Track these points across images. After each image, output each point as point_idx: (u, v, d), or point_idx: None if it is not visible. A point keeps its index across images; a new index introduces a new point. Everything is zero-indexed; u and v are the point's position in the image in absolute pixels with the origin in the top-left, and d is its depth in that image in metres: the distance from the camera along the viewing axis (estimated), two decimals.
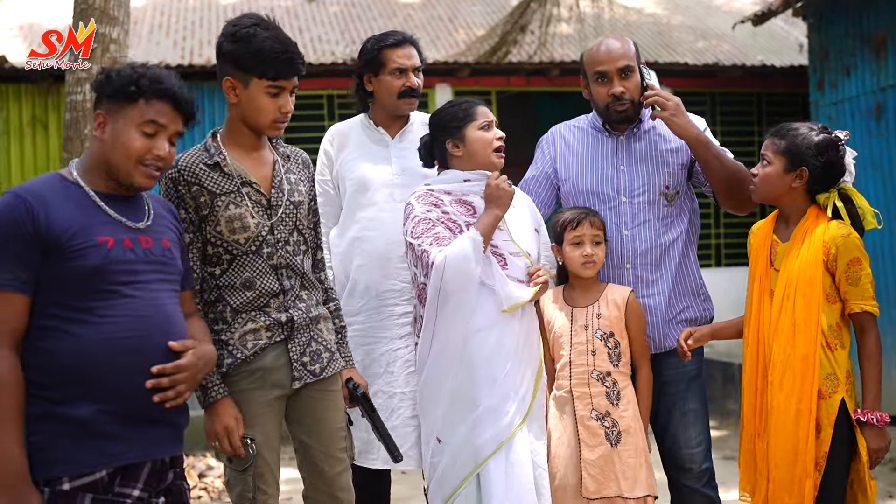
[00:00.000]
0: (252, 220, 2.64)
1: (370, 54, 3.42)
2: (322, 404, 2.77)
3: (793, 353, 2.83)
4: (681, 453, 3.21)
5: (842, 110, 6.83)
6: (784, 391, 2.84)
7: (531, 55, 8.44)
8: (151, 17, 9.12)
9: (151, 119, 2.26)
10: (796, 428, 2.80)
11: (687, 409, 3.22)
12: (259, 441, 2.62)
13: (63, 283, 2.17)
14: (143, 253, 2.27)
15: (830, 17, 6.90)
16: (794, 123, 2.97)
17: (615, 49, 3.21)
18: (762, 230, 3.06)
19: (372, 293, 3.35)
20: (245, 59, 2.60)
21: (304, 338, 2.72)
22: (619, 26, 9.41)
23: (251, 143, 2.72)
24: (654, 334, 3.21)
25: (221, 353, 2.62)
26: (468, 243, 2.85)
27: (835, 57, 6.88)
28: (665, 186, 3.23)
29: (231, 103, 2.68)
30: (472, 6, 10.09)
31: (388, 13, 9.66)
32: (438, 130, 3.08)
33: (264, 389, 2.66)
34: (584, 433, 3.01)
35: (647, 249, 3.21)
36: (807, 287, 2.84)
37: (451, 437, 2.88)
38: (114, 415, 2.18)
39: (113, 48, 5.36)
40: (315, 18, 9.39)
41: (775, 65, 8.60)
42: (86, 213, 2.22)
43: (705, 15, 10.46)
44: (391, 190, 3.38)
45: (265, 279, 2.66)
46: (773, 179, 2.91)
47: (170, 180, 2.62)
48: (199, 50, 8.25)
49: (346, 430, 2.87)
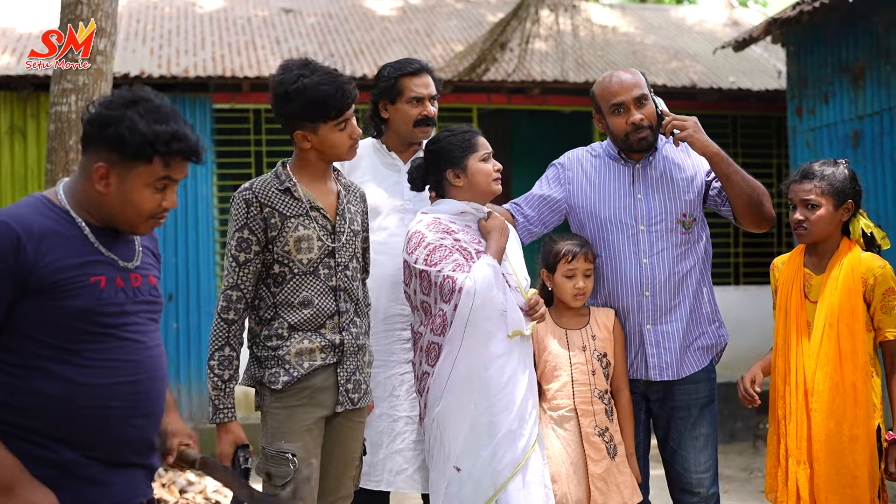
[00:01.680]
0: (318, 242, 2.82)
1: (388, 81, 3.44)
2: (348, 433, 2.93)
3: (841, 381, 2.98)
4: (690, 477, 3.27)
5: (819, 136, 6.98)
6: (834, 418, 2.97)
7: (510, 73, 8.48)
8: (127, 24, 9.00)
9: (166, 176, 2.11)
10: (852, 452, 2.94)
11: (698, 433, 3.27)
12: (300, 457, 2.74)
13: (50, 323, 2.04)
14: (133, 293, 2.16)
15: (809, 45, 7.06)
16: (814, 165, 3.14)
17: (627, 80, 3.27)
18: (791, 264, 3.18)
19: (380, 317, 3.37)
20: (307, 111, 2.79)
21: (352, 365, 2.89)
22: (595, 45, 9.51)
23: (319, 174, 2.92)
24: (672, 361, 3.24)
25: (277, 371, 2.77)
26: (490, 270, 2.92)
27: (813, 84, 7.03)
28: (682, 214, 3.28)
29: (305, 144, 2.86)
30: (448, 21, 10.13)
31: (366, 26, 9.66)
32: (439, 159, 3.12)
33: (311, 407, 2.81)
34: (590, 449, 3.09)
35: (666, 278, 3.25)
36: (850, 317, 3.00)
37: (471, 465, 2.91)
38: (98, 460, 2.10)
39: (99, 59, 5.32)
40: (292, 30, 9.36)
41: (750, 88, 8.75)
42: (77, 248, 2.09)
43: (677, 35, 10.60)
44: (402, 215, 3.41)
45: (323, 299, 2.83)
46: (827, 220, 3.08)
47: (243, 201, 2.79)
48: (176, 59, 8.18)
49: (360, 460, 2.99)
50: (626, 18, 11.04)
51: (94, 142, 2.09)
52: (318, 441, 2.83)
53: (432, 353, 2.97)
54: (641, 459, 3.33)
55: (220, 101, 7.96)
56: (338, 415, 2.88)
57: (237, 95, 7.94)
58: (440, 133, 3.18)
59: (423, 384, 3.01)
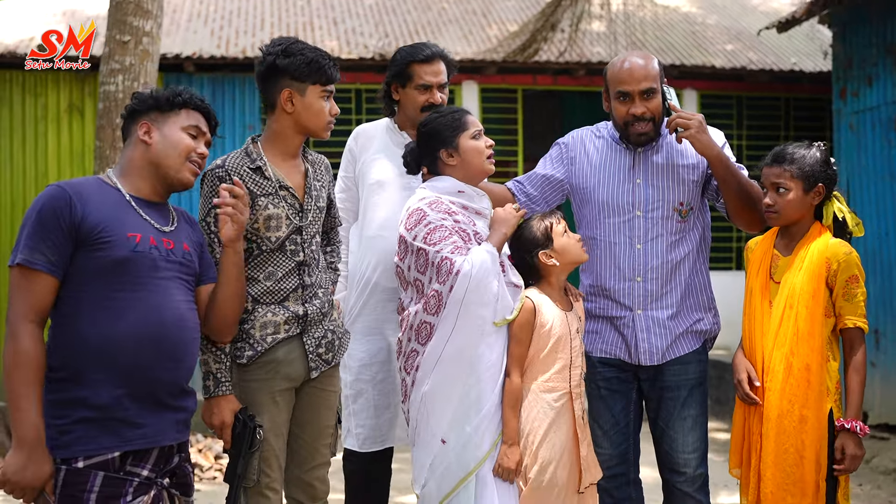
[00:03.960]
0: (286, 220, 2.91)
1: (399, 66, 3.54)
2: (320, 402, 3.04)
3: (795, 361, 3.00)
4: (678, 457, 3.29)
5: (862, 120, 6.83)
6: (786, 397, 3.00)
7: (561, 53, 8.48)
8: (191, 5, 9.31)
9: (194, 125, 2.65)
10: (800, 433, 2.97)
11: (687, 414, 3.29)
12: (266, 428, 2.86)
13: (92, 273, 2.40)
14: (165, 252, 2.53)
15: (854, 26, 6.89)
16: (787, 148, 3.14)
17: (638, 69, 3.24)
18: (762, 245, 3.21)
19: (378, 289, 3.52)
20: (302, 69, 2.89)
21: (319, 331, 2.98)
22: (651, 25, 9.43)
23: (292, 151, 2.99)
24: (661, 345, 3.26)
25: (243, 345, 2.88)
26: (488, 257, 2.96)
27: (858, 66, 6.87)
28: (679, 203, 3.28)
29: (284, 113, 2.94)
30: (506, 1, 10.14)
31: (423, 7, 9.76)
32: (431, 139, 3.16)
33: (276, 380, 2.90)
34: (579, 431, 3.09)
35: (658, 264, 3.26)
36: (810, 299, 3.02)
37: (455, 438, 2.97)
38: (132, 400, 2.41)
39: (146, 41, 5.57)
40: (350, 10, 9.52)
41: (806, 69, 8.58)
42: (119, 211, 2.50)
43: (741, 15, 10.41)
44: (408, 193, 3.46)
45: (287, 274, 2.92)
46: (797, 203, 3.09)
47: (216, 178, 2.87)
48: (235, 40, 8.43)
49: (335, 428, 3.10)
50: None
51: (136, 114, 2.65)
52: (285, 412, 2.95)
53: (423, 332, 3.00)
54: (633, 437, 3.38)
55: None
56: (308, 384, 2.99)
57: None
58: (429, 115, 3.23)
59: (412, 362, 3.04)
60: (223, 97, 8.18)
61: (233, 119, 8.16)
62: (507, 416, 3.00)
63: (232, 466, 2.81)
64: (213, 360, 2.84)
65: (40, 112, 7.93)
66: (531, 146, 8.68)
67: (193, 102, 2.66)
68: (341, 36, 8.84)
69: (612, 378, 3.34)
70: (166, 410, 2.49)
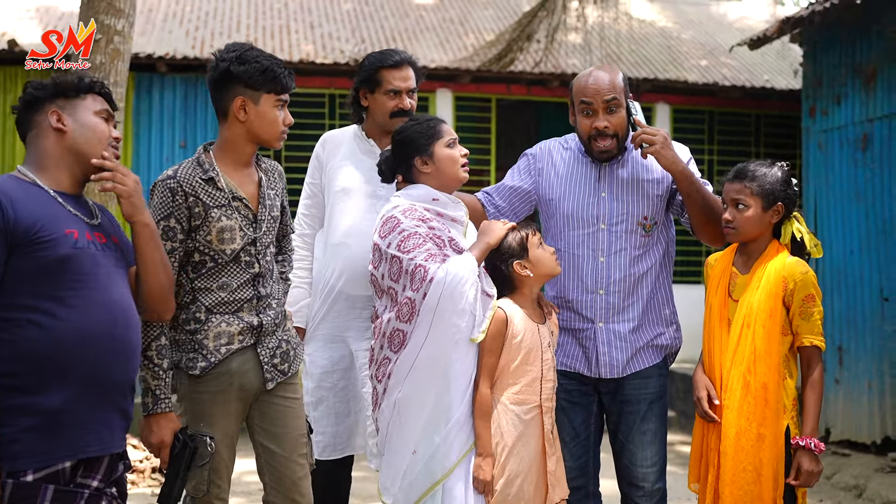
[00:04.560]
0: (240, 232, 2.83)
1: (368, 72, 3.53)
2: (287, 412, 2.95)
3: (753, 380, 3.01)
4: (636, 471, 3.29)
5: (831, 138, 6.90)
6: (744, 415, 3.01)
7: (536, 63, 8.51)
8: (166, 5, 9.26)
9: (105, 108, 2.58)
10: (758, 450, 2.98)
11: (646, 428, 3.28)
12: (218, 439, 2.79)
13: (32, 274, 2.30)
14: (101, 247, 2.45)
15: (824, 46, 6.97)
16: (749, 165, 3.16)
17: (602, 83, 3.22)
18: (721, 262, 3.23)
19: (342, 297, 3.50)
20: (256, 77, 2.81)
21: (273, 341, 2.91)
22: (626, 38, 9.48)
23: (244, 160, 2.91)
24: (622, 359, 3.26)
25: (195, 356, 2.80)
26: (466, 265, 2.95)
27: (827, 85, 6.95)
28: (644, 217, 3.28)
29: (236, 121, 2.86)
30: (484, 10, 10.18)
31: (400, 13, 9.76)
32: (405, 147, 3.15)
33: (230, 392, 2.84)
34: (547, 445, 3.07)
35: (621, 277, 3.26)
36: (767, 318, 3.03)
37: (424, 448, 2.95)
38: (84, 404, 2.32)
39: (117, 39, 5.50)
40: (328, 15, 9.51)
41: (778, 87, 8.66)
42: (49, 208, 2.39)
43: (716, 31, 10.51)
44: (373, 201, 3.48)
45: (242, 285, 2.86)
46: (755, 220, 3.09)
47: (168, 189, 2.79)
48: (210, 41, 8.39)
49: (307, 437, 3.03)
50: (664, 13, 10.97)
51: (37, 101, 2.51)
52: (236, 423, 2.90)
53: (395, 340, 2.98)
54: (592, 450, 3.37)
55: None
56: (267, 396, 2.93)
57: None
58: (405, 123, 3.22)
59: (384, 370, 3.01)
60: (196, 99, 8.14)
61: (205, 121, 8.11)
62: (480, 428, 2.98)
63: (168, 487, 2.72)
64: (150, 377, 2.74)
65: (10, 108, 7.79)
66: (504, 155, 8.70)
67: (98, 87, 2.56)
68: (317, 40, 8.83)
69: (574, 390, 3.33)
70: (116, 414, 2.42)
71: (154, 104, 8.00)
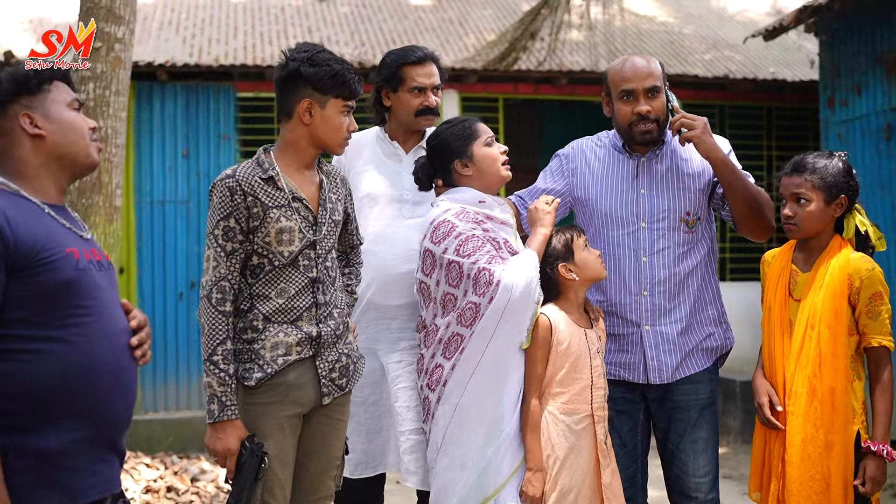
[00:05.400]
0: (299, 234, 2.74)
1: (390, 70, 3.40)
2: (329, 432, 2.86)
3: (819, 385, 2.86)
4: (688, 481, 3.16)
5: (852, 129, 6.76)
6: (811, 421, 2.86)
7: (540, 62, 8.38)
8: (162, 13, 9.09)
9: (74, 97, 2.30)
10: (826, 459, 2.83)
11: (697, 436, 3.16)
12: (272, 455, 2.68)
13: (31, 301, 2.02)
14: (97, 265, 2.18)
15: (842, 34, 6.84)
16: (807, 158, 3.01)
17: (642, 67, 3.15)
18: (779, 260, 3.07)
19: (371, 307, 3.36)
20: (325, 80, 2.75)
21: (333, 354, 2.81)
22: (629, 34, 9.36)
23: (306, 162, 2.84)
24: (671, 363, 3.13)
25: (251, 366, 2.70)
26: (530, 264, 2.86)
27: (846, 74, 6.82)
28: (686, 212, 3.16)
29: (300, 123, 2.80)
30: (483, 10, 10.04)
31: (399, 15, 9.61)
32: (443, 152, 3.07)
33: (284, 405, 2.73)
34: (601, 456, 2.95)
35: (665, 277, 3.14)
36: (832, 319, 2.87)
37: (476, 461, 2.85)
38: (86, 444, 2.07)
39: (118, 47, 5.35)
40: (325, 19, 9.35)
41: (786, 79, 8.53)
42: (42, 223, 2.10)
43: (718, 25, 10.38)
44: (400, 206, 3.37)
45: (300, 291, 2.76)
46: (819, 215, 2.95)
47: (227, 189, 2.71)
48: (207, 48, 8.21)
49: (341, 459, 2.94)
50: (664, 8, 10.83)
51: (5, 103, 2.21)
52: (292, 439, 2.77)
53: (453, 345, 2.88)
54: (640, 460, 3.25)
55: (245, 90, 7.99)
56: (318, 411, 2.82)
57: (261, 84, 7.95)
58: (438, 127, 3.13)
59: (436, 377, 2.91)
60: (197, 106, 7.95)
61: (207, 129, 7.93)
62: (530, 441, 2.86)
63: (235, 498, 2.62)
64: (217, 383, 2.64)
65: None
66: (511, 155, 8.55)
67: (58, 73, 2.27)
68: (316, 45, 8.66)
69: (619, 398, 3.19)
70: (114, 453, 2.17)
71: (155, 113, 7.80)
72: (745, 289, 8.04)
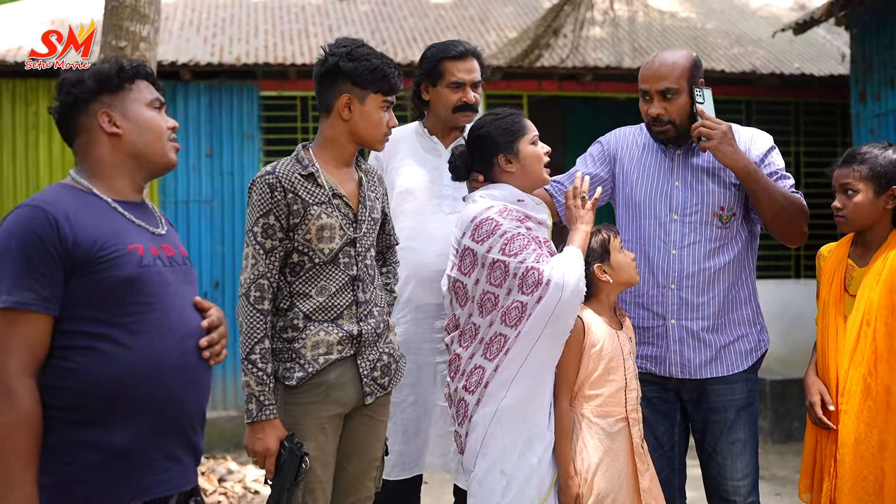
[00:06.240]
0: (339, 231, 2.72)
1: (430, 63, 3.36)
2: (369, 433, 2.83)
3: (874, 383, 2.79)
4: (726, 484, 3.10)
5: (885, 123, 6.67)
6: (864, 420, 2.79)
7: (563, 59, 8.32)
8: (182, 13, 9.08)
9: (156, 97, 2.29)
10: (880, 459, 2.76)
11: (735, 438, 3.09)
12: (313, 456, 2.64)
13: (93, 298, 2.04)
14: (168, 260, 2.19)
15: (874, 27, 6.75)
16: (861, 148, 2.96)
17: (661, 68, 3.08)
18: (836, 253, 3.01)
19: (411, 306, 3.33)
20: (365, 76, 2.73)
21: (373, 354, 2.77)
22: (653, 30, 9.28)
23: (345, 158, 2.82)
24: (698, 359, 3.07)
25: (292, 365, 2.67)
26: (577, 262, 2.80)
27: (878, 68, 6.72)
28: (720, 207, 3.09)
29: (339, 119, 2.77)
30: (503, 7, 9.98)
31: (419, 13, 9.57)
32: (487, 144, 2.96)
33: (325, 405, 2.70)
34: (638, 460, 2.88)
35: (694, 272, 3.07)
36: (889, 315, 2.80)
37: (518, 468, 2.76)
38: (150, 439, 2.07)
39: (143, 46, 5.32)
40: (346, 17, 9.32)
41: (813, 73, 8.43)
42: (110, 221, 2.12)
43: (740, 19, 10.30)
44: (440, 201, 3.33)
45: (341, 289, 2.72)
46: (867, 206, 2.88)
47: (267, 185, 2.68)
48: (229, 47, 8.19)
49: (381, 461, 2.90)
50: (685, 3, 10.75)
51: (79, 103, 2.20)
52: (333, 439, 2.73)
53: (495, 345, 2.78)
54: (678, 463, 3.19)
55: (268, 89, 7.97)
56: (359, 412, 2.78)
57: (284, 83, 7.92)
58: (484, 117, 3.02)
59: (476, 378, 2.81)
60: (220, 105, 7.93)
61: (230, 128, 7.91)
62: (562, 445, 2.79)
63: (275, 499, 2.57)
64: (255, 382, 2.62)
65: (31, 121, 7.64)
66: None
67: (141, 71, 2.26)
68: None
69: (654, 398, 3.13)
70: (186, 449, 2.17)
71: (178, 112, 7.77)
72: (775, 287, 7.96)
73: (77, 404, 2.01)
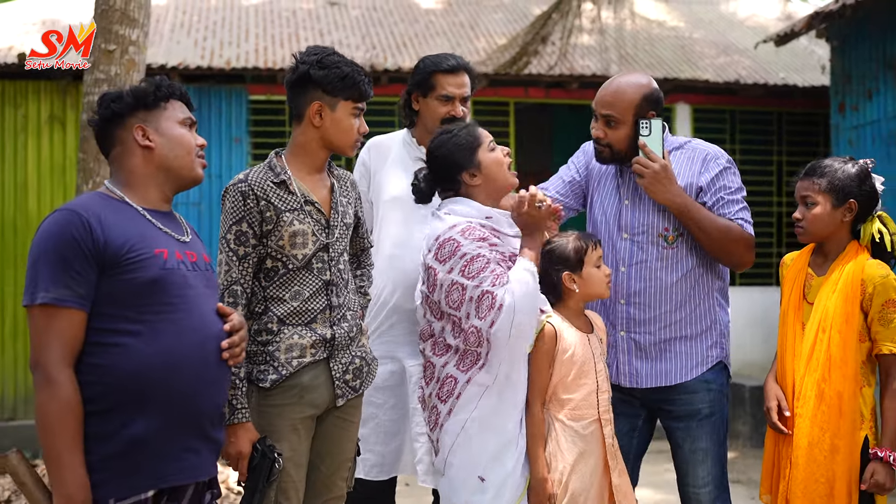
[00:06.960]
0: (312, 237, 2.76)
1: (422, 75, 3.40)
2: (342, 434, 2.88)
3: (828, 389, 2.87)
4: (687, 490, 3.18)
5: (863, 134, 6.77)
6: (818, 425, 2.87)
7: (551, 66, 8.39)
8: (173, 15, 9.13)
9: (188, 116, 2.48)
10: (831, 462, 2.84)
11: (697, 447, 3.14)
12: (286, 457, 2.70)
13: (119, 297, 2.21)
14: (191, 266, 2.36)
15: (854, 40, 6.85)
16: (822, 161, 3.03)
17: (608, 95, 3.11)
18: (797, 262, 3.09)
19: (400, 312, 3.36)
20: (335, 83, 2.76)
21: (346, 356, 2.83)
22: (640, 39, 9.36)
23: (317, 165, 2.86)
24: (641, 368, 3.13)
25: (266, 368, 2.72)
26: (530, 278, 2.78)
27: (857, 80, 6.83)
28: (664, 228, 3.11)
29: (311, 126, 2.81)
30: (493, 14, 10.06)
31: (410, 19, 9.64)
32: (449, 164, 2.95)
33: (299, 406, 2.75)
34: (610, 459, 2.94)
35: (641, 289, 3.12)
36: (843, 324, 2.88)
37: (495, 474, 2.81)
38: (168, 431, 2.22)
39: (132, 50, 5.37)
40: (336, 22, 9.38)
41: (797, 84, 8.53)
42: (139, 227, 2.30)
43: (727, 29, 10.39)
44: (426, 210, 3.36)
45: (314, 294, 2.78)
46: (824, 218, 2.96)
47: (239, 193, 2.74)
48: (219, 51, 8.25)
49: (353, 461, 2.95)
50: (673, 13, 10.85)
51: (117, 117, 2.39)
52: (306, 441, 2.79)
53: (468, 357, 2.82)
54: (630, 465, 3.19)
55: (257, 93, 8.03)
56: (331, 413, 2.83)
57: (273, 87, 7.99)
58: (440, 137, 3.00)
59: (448, 388, 2.84)
60: (209, 109, 8.00)
61: (219, 131, 7.97)
62: (535, 449, 2.85)
63: (248, 500, 2.63)
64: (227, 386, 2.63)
65: (20, 123, 7.70)
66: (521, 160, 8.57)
67: (176, 91, 2.47)
68: None
69: (616, 401, 3.17)
70: (204, 442, 2.31)
71: None
72: (755, 294, 8.06)
73: (101, 397, 2.17)
